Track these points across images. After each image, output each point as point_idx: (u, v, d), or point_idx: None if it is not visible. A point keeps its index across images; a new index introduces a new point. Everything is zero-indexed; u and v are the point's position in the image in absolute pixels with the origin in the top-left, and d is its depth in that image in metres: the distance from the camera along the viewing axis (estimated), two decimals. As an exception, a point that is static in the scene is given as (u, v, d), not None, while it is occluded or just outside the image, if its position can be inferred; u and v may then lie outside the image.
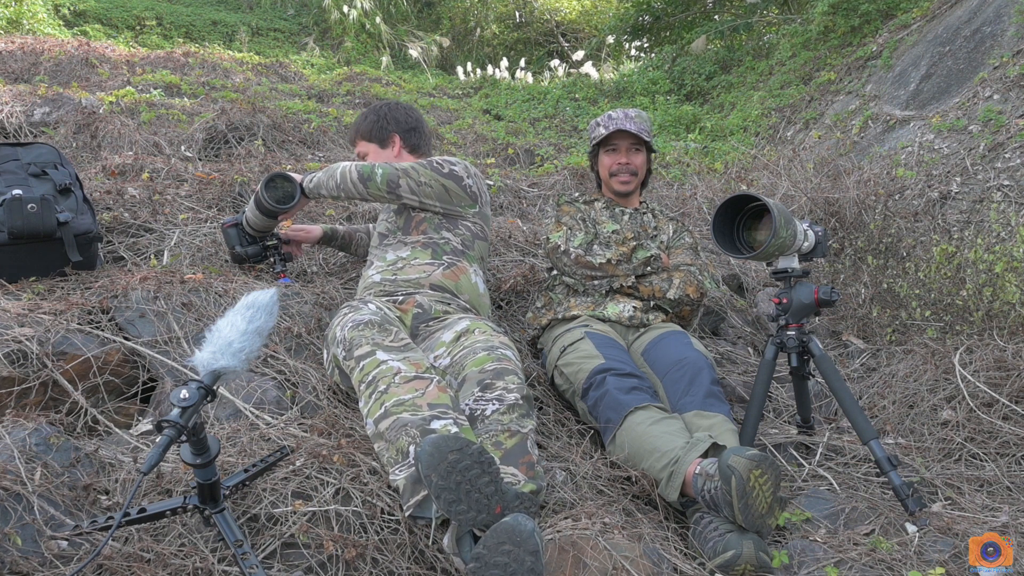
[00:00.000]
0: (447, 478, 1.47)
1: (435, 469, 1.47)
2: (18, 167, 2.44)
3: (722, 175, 4.83)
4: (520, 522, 1.44)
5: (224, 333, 1.42)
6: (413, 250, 2.33)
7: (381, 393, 1.75)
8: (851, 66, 6.11)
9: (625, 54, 9.81)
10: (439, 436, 1.53)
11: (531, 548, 1.42)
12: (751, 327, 3.34)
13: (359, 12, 10.83)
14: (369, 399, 1.77)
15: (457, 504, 1.47)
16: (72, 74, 5.80)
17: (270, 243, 2.67)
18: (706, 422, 2.07)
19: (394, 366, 1.80)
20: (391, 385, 1.76)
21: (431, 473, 1.47)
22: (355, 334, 1.91)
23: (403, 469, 1.64)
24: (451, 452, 1.48)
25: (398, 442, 1.65)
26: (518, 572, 1.41)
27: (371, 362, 1.82)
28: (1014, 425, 2.35)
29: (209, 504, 1.47)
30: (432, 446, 1.49)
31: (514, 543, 1.42)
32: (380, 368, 1.80)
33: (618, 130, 2.57)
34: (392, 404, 1.72)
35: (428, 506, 1.60)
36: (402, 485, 1.63)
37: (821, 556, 1.79)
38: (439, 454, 1.48)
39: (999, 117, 4.24)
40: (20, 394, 1.88)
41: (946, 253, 2.97)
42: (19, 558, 1.36)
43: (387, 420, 1.70)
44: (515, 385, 1.89)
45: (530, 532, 1.43)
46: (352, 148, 2.64)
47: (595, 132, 2.65)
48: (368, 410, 1.77)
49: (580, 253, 2.47)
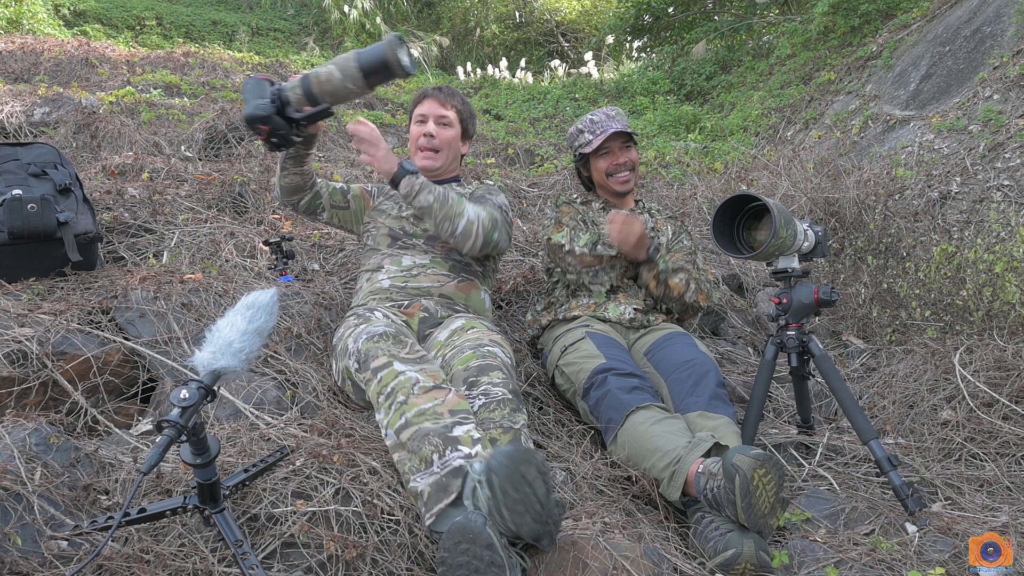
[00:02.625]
0: (519, 489, 1.47)
1: (510, 481, 1.47)
2: (18, 167, 2.44)
3: (722, 175, 4.83)
4: (471, 519, 1.46)
5: (224, 333, 1.42)
6: (433, 259, 2.32)
7: (401, 404, 1.74)
8: (851, 66, 6.11)
9: (626, 54, 9.81)
10: (513, 448, 1.53)
11: (485, 542, 1.43)
12: (751, 327, 3.34)
13: (359, 12, 10.84)
14: (389, 410, 1.76)
15: (523, 516, 1.48)
16: (72, 74, 5.80)
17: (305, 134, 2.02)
18: (710, 423, 2.07)
19: (412, 376, 1.78)
20: (410, 396, 1.74)
21: (507, 485, 1.47)
22: (370, 346, 1.89)
23: (426, 476, 1.63)
24: (523, 463, 1.49)
25: (421, 451, 1.64)
26: (480, 568, 1.42)
27: (389, 373, 1.81)
28: (1014, 425, 2.35)
29: (209, 504, 1.47)
30: (507, 458, 1.49)
31: (469, 540, 1.44)
32: (398, 379, 1.78)
33: (611, 134, 2.54)
34: (413, 414, 1.71)
35: (446, 521, 1.58)
36: (427, 492, 1.61)
37: (821, 556, 1.79)
38: (513, 465, 1.48)
39: (999, 117, 4.24)
40: (20, 394, 1.88)
41: (946, 253, 2.97)
42: (19, 558, 1.36)
43: (409, 430, 1.69)
44: (500, 380, 1.89)
45: (481, 527, 1.44)
46: (441, 107, 2.40)
47: (581, 140, 2.60)
48: (388, 421, 1.75)
49: (585, 252, 2.46)
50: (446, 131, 2.41)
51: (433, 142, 2.39)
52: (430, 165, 2.40)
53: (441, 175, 2.45)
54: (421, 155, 2.40)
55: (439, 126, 2.40)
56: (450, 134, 2.41)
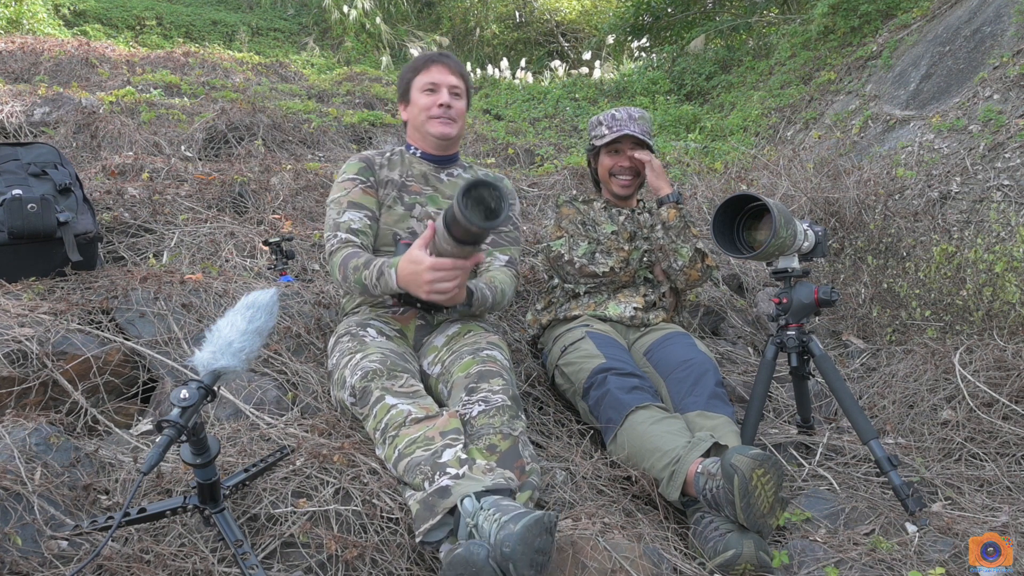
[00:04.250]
0: (535, 564, 1.45)
1: (530, 562, 1.43)
2: (18, 167, 2.44)
3: (722, 175, 4.83)
4: (473, 552, 1.44)
5: (224, 333, 1.42)
6: None
7: (393, 437, 1.74)
8: (851, 66, 6.11)
9: (627, 53, 9.81)
10: (524, 530, 1.44)
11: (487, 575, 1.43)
12: (751, 327, 3.34)
13: (359, 12, 10.85)
14: (384, 445, 1.76)
15: (530, 571, 1.46)
16: (72, 74, 5.80)
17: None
18: (709, 423, 2.07)
19: (404, 410, 1.78)
20: (402, 428, 1.74)
21: (525, 568, 1.43)
22: (365, 384, 1.86)
23: (417, 495, 1.63)
24: (537, 537, 1.45)
25: (414, 482, 1.64)
26: None
27: (382, 408, 1.80)
28: (1014, 425, 2.35)
29: (209, 504, 1.47)
30: (522, 543, 1.43)
31: (471, 573, 1.43)
32: (391, 413, 1.78)
33: (624, 135, 2.54)
34: (404, 445, 1.71)
35: (438, 532, 1.58)
36: (415, 510, 1.61)
37: (821, 556, 1.79)
38: (527, 547, 1.43)
39: (999, 117, 4.24)
40: (20, 394, 1.88)
41: (946, 253, 2.97)
42: (19, 558, 1.36)
43: (403, 462, 1.69)
44: (500, 387, 1.87)
45: (484, 560, 1.43)
46: (452, 75, 2.25)
47: (597, 131, 2.59)
48: (385, 455, 1.76)
49: (584, 263, 2.47)
50: (459, 102, 2.26)
51: (450, 112, 2.23)
52: (447, 132, 2.23)
53: (451, 147, 2.31)
54: (437, 123, 2.23)
55: (452, 96, 2.24)
56: (462, 105, 2.28)
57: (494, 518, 1.49)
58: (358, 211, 2.16)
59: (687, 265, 2.49)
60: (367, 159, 2.27)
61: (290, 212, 3.42)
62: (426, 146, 2.30)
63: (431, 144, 2.28)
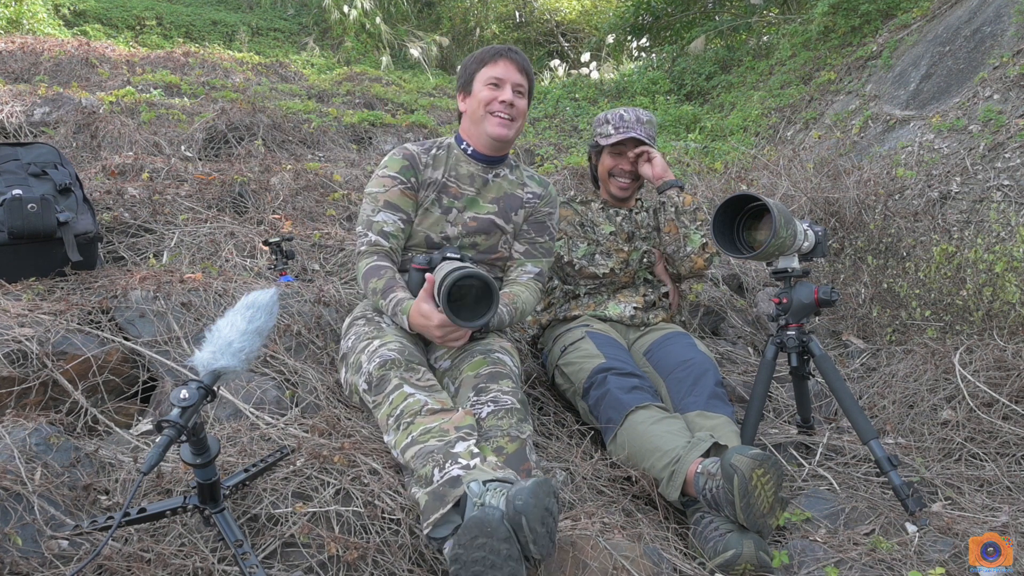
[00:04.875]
0: (545, 523, 1.47)
1: (539, 519, 1.46)
2: (18, 167, 2.44)
3: (722, 175, 4.83)
4: (488, 514, 1.44)
5: (224, 333, 1.42)
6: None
7: (408, 424, 1.74)
8: (851, 66, 6.11)
9: (627, 53, 9.80)
10: (535, 485, 1.48)
11: (503, 535, 1.42)
12: (751, 327, 3.34)
13: (359, 12, 10.84)
14: (396, 431, 1.76)
15: (548, 547, 1.48)
16: (72, 74, 5.80)
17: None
18: (709, 423, 2.07)
19: (421, 399, 1.78)
20: (418, 416, 1.74)
21: (536, 524, 1.45)
22: (383, 373, 1.86)
23: (425, 487, 1.62)
24: (545, 497, 1.48)
25: (423, 469, 1.64)
26: (497, 562, 1.41)
27: (399, 395, 1.80)
28: (1014, 425, 2.35)
29: (209, 504, 1.47)
30: (533, 496, 1.46)
31: (486, 535, 1.42)
32: (407, 401, 1.78)
33: (629, 138, 2.52)
34: (419, 433, 1.71)
35: (444, 528, 1.57)
36: (424, 501, 1.60)
37: (821, 556, 1.79)
38: (538, 503, 1.46)
39: (999, 117, 4.24)
40: (20, 394, 1.88)
41: (946, 253, 2.97)
42: (19, 558, 1.36)
43: (414, 448, 1.69)
44: (509, 389, 1.88)
45: (499, 520, 1.43)
46: (519, 73, 2.17)
47: (603, 129, 2.57)
48: (395, 441, 1.75)
49: (584, 264, 2.47)
50: (521, 101, 2.17)
51: (512, 111, 2.14)
52: (504, 134, 2.14)
53: (504, 148, 2.22)
54: (495, 120, 2.14)
55: (516, 94, 2.16)
56: (524, 104, 2.19)
57: (501, 491, 1.51)
58: (393, 213, 2.13)
59: (695, 251, 2.49)
60: (412, 157, 2.19)
61: (290, 212, 3.42)
62: (479, 144, 2.21)
63: (484, 143, 2.19)
